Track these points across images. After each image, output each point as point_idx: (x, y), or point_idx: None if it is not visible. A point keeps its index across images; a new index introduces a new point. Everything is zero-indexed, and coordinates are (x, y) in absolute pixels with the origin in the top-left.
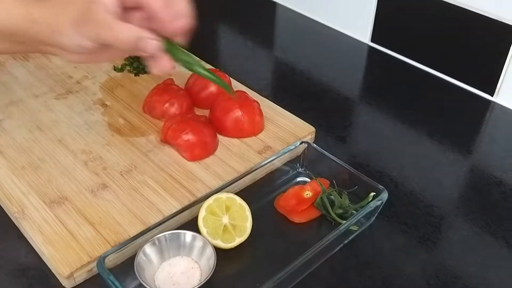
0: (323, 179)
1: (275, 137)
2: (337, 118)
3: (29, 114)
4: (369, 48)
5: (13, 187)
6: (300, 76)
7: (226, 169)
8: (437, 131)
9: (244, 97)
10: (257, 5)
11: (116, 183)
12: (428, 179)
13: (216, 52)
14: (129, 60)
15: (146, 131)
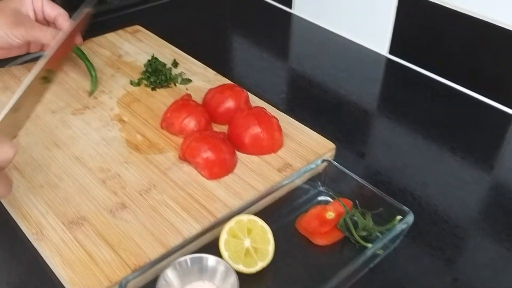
0: (345, 199)
1: (295, 154)
2: (356, 132)
3: (46, 131)
4: (387, 60)
5: (31, 206)
6: (317, 89)
7: (245, 188)
8: (459, 146)
9: (263, 113)
10: (272, 16)
11: (135, 203)
12: (452, 197)
13: (231, 65)
14: (146, 74)
15: (164, 148)
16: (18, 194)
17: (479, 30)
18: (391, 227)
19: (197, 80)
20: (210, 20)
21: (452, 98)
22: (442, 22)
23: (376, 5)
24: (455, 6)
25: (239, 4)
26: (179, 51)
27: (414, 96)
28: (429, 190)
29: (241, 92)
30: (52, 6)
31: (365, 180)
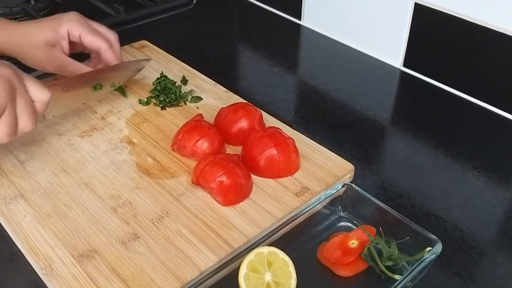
0: (368, 226)
1: (313, 176)
2: (374, 151)
3: (53, 155)
4: (401, 73)
5: (40, 238)
6: (332, 104)
7: (262, 215)
8: (482, 165)
9: (279, 134)
10: (281, 27)
11: (148, 232)
12: (478, 221)
13: (241, 80)
14: (155, 93)
15: (176, 171)
16: (25, 224)
17: (497, 43)
18: (420, 258)
19: (207, 97)
20: (217, 33)
21: (470, 113)
22: (458, 34)
23: (390, 17)
24: (471, 18)
25: (246, 16)
26: (187, 67)
27: (431, 110)
28: (454, 213)
29: (254, 111)
30: (92, 40)
31: (387, 204)
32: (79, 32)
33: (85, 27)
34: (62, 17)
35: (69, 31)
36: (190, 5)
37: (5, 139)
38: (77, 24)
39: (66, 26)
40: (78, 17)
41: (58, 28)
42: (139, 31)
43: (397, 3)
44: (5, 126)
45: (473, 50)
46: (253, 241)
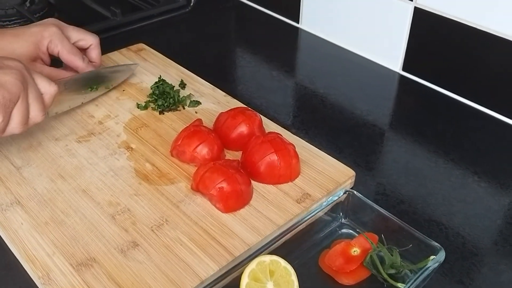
0: (371, 233)
1: (313, 183)
2: (375, 157)
3: (50, 160)
4: (400, 77)
5: (37, 247)
6: (332, 109)
7: (263, 222)
8: (483, 171)
9: (279, 140)
10: (279, 31)
11: (147, 240)
12: (480, 228)
13: (240, 84)
14: (153, 97)
15: (175, 177)
16: (22, 232)
17: (496, 47)
18: (424, 266)
19: (206, 101)
20: (215, 36)
21: (470, 117)
22: (457, 38)
23: (389, 21)
24: (471, 22)
25: (244, 18)
26: (186, 71)
27: (430, 115)
28: (455, 220)
29: (254, 116)
30: (70, 59)
31: (388, 210)
32: (58, 49)
33: (64, 44)
34: (42, 32)
35: (49, 47)
36: (187, 8)
37: (18, 129)
38: (57, 40)
39: (46, 42)
40: (58, 32)
41: (39, 44)
42: (136, 34)
43: (396, 7)
44: (18, 114)
45: (473, 54)
46: (254, 249)
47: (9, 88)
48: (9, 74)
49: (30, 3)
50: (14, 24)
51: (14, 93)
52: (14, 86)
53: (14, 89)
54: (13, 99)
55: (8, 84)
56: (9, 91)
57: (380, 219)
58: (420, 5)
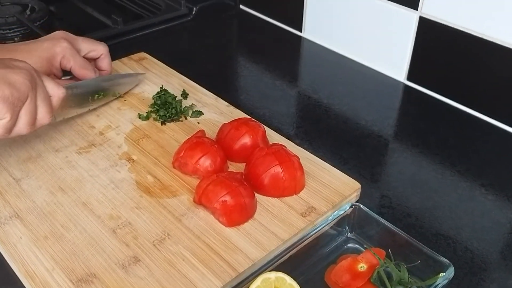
0: (378, 249)
1: (318, 195)
2: (381, 169)
3: (50, 172)
4: (405, 86)
5: (36, 262)
6: (336, 119)
7: (267, 236)
8: (490, 183)
9: (283, 152)
10: (281, 39)
11: (148, 255)
12: (488, 242)
13: (243, 94)
14: (155, 107)
15: (177, 190)
16: (21, 246)
17: (502, 57)
18: (433, 283)
19: (208, 112)
20: (217, 45)
21: (476, 128)
22: (462, 47)
23: (394, 30)
24: (476, 31)
25: (246, 27)
26: (188, 80)
27: (436, 125)
28: (463, 233)
29: (257, 127)
30: (83, 74)
31: (395, 224)
32: (70, 65)
33: (76, 59)
34: (55, 48)
35: (61, 63)
36: (189, 16)
37: (25, 130)
38: (69, 56)
39: (59, 58)
40: (69, 46)
41: (52, 60)
42: (138, 43)
43: (401, 17)
44: (26, 114)
45: (478, 64)
46: (259, 265)
47: (18, 87)
48: (19, 74)
49: (31, 11)
50: (15, 32)
51: (23, 92)
52: (23, 85)
53: (23, 88)
54: (22, 98)
55: (17, 83)
56: (18, 90)
57: (387, 233)
58: (425, 14)
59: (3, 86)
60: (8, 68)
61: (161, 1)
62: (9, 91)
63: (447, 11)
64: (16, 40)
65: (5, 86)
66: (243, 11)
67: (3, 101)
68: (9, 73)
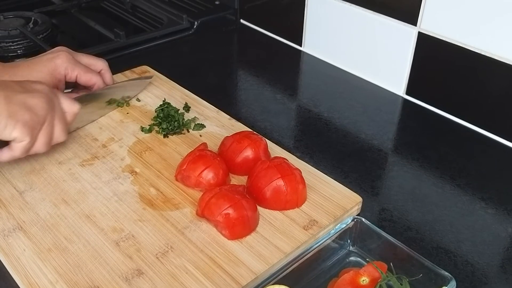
0: (379, 262)
1: (320, 209)
2: (381, 182)
3: (53, 184)
4: (404, 101)
5: (40, 274)
6: (336, 133)
7: (270, 249)
8: (490, 197)
9: (285, 165)
10: (281, 54)
11: (152, 268)
12: (488, 255)
13: (244, 107)
14: (157, 120)
15: (180, 203)
16: (25, 259)
17: (500, 72)
18: None
19: (210, 125)
20: (218, 59)
21: (475, 142)
22: (461, 63)
23: (393, 45)
24: (474, 47)
25: (247, 41)
26: (190, 94)
27: (435, 140)
28: (464, 247)
29: (259, 140)
30: (88, 78)
31: (396, 237)
32: (76, 73)
33: (79, 67)
34: (55, 60)
35: (66, 74)
36: (191, 30)
37: (43, 149)
38: (72, 65)
39: (62, 69)
40: (70, 56)
41: (54, 72)
42: (140, 56)
43: (400, 32)
44: (44, 136)
45: (477, 79)
46: (261, 278)
47: (37, 111)
48: (37, 98)
49: (34, 24)
50: (18, 45)
51: (42, 116)
52: (42, 109)
53: (42, 112)
54: (41, 121)
55: (36, 108)
56: (37, 114)
57: (389, 247)
58: (424, 30)
59: (23, 112)
60: (28, 93)
61: (163, 16)
62: (29, 116)
63: (445, 27)
64: (19, 52)
65: (25, 111)
66: (244, 25)
67: (23, 125)
68: (28, 97)
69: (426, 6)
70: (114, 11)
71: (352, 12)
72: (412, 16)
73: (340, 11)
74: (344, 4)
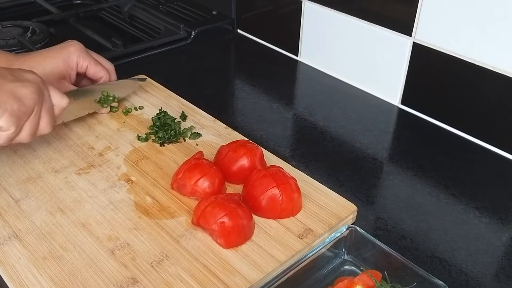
0: (374, 271)
1: (315, 217)
2: (376, 191)
3: (49, 193)
4: (399, 110)
5: (35, 282)
6: (332, 142)
7: (265, 258)
8: (484, 206)
9: (281, 174)
10: (278, 63)
11: (147, 277)
12: (482, 264)
13: (240, 116)
14: (154, 129)
15: (175, 211)
16: (20, 267)
17: (493, 83)
18: None
19: (206, 134)
20: (215, 68)
21: (469, 152)
22: (455, 73)
23: (388, 55)
24: (467, 57)
25: (243, 51)
26: (186, 103)
27: (430, 149)
28: (458, 256)
29: (255, 149)
30: (97, 70)
31: (390, 246)
32: (87, 63)
33: (90, 58)
34: (68, 47)
35: (78, 62)
36: (188, 40)
37: (27, 139)
38: (85, 54)
39: (75, 57)
40: (83, 47)
41: (68, 59)
42: (137, 65)
43: (395, 42)
44: (29, 127)
45: (470, 89)
46: (256, 287)
47: (26, 102)
48: (28, 87)
49: (32, 33)
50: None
51: (30, 106)
52: (31, 100)
53: (30, 102)
54: (28, 112)
55: (25, 98)
56: (25, 104)
57: (383, 256)
58: (419, 40)
59: (12, 101)
60: (18, 82)
61: (160, 25)
62: (17, 105)
63: (439, 37)
64: None
65: (14, 101)
66: (240, 35)
67: (10, 115)
68: (18, 86)
69: (420, 16)
70: (111, 21)
71: (347, 22)
72: (407, 26)
73: (336, 22)
74: (340, 14)
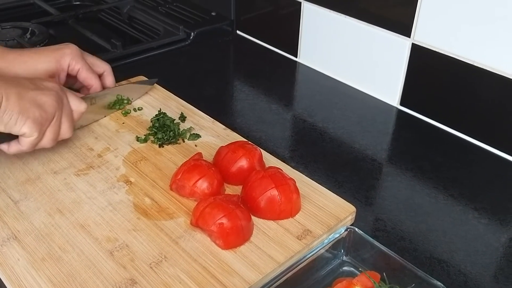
0: (373, 272)
1: (314, 218)
2: (375, 192)
3: (48, 194)
4: (398, 111)
5: (33, 284)
6: (331, 143)
7: (264, 259)
8: (483, 207)
9: (280, 175)
10: (277, 64)
11: (145, 278)
12: (481, 265)
13: (239, 117)
14: (153, 130)
15: (174, 212)
16: (18, 268)
17: (492, 84)
18: None
19: (205, 135)
20: (214, 69)
21: (468, 153)
22: (453, 74)
23: (387, 56)
24: (466, 58)
25: (243, 52)
26: (185, 104)
27: (428, 150)
28: (457, 257)
29: (254, 150)
30: (88, 77)
31: (389, 247)
32: (79, 66)
33: (83, 62)
34: (63, 49)
35: (70, 64)
36: (187, 41)
37: (50, 144)
38: (78, 58)
39: (68, 58)
40: (78, 51)
41: (60, 59)
42: (136, 66)
43: (394, 43)
44: (51, 132)
45: (469, 90)
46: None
47: (47, 109)
48: (48, 95)
49: (31, 34)
50: None
51: (51, 113)
52: (51, 107)
53: (51, 109)
54: (49, 118)
55: (46, 105)
56: (46, 111)
57: (382, 257)
58: (418, 41)
59: (34, 108)
60: (38, 90)
61: (159, 26)
62: (39, 113)
63: (438, 38)
64: None
65: (36, 108)
66: (239, 36)
67: (33, 122)
68: (39, 95)
69: (419, 18)
70: (111, 22)
71: (346, 23)
72: (406, 27)
73: (335, 23)
74: (339, 16)
